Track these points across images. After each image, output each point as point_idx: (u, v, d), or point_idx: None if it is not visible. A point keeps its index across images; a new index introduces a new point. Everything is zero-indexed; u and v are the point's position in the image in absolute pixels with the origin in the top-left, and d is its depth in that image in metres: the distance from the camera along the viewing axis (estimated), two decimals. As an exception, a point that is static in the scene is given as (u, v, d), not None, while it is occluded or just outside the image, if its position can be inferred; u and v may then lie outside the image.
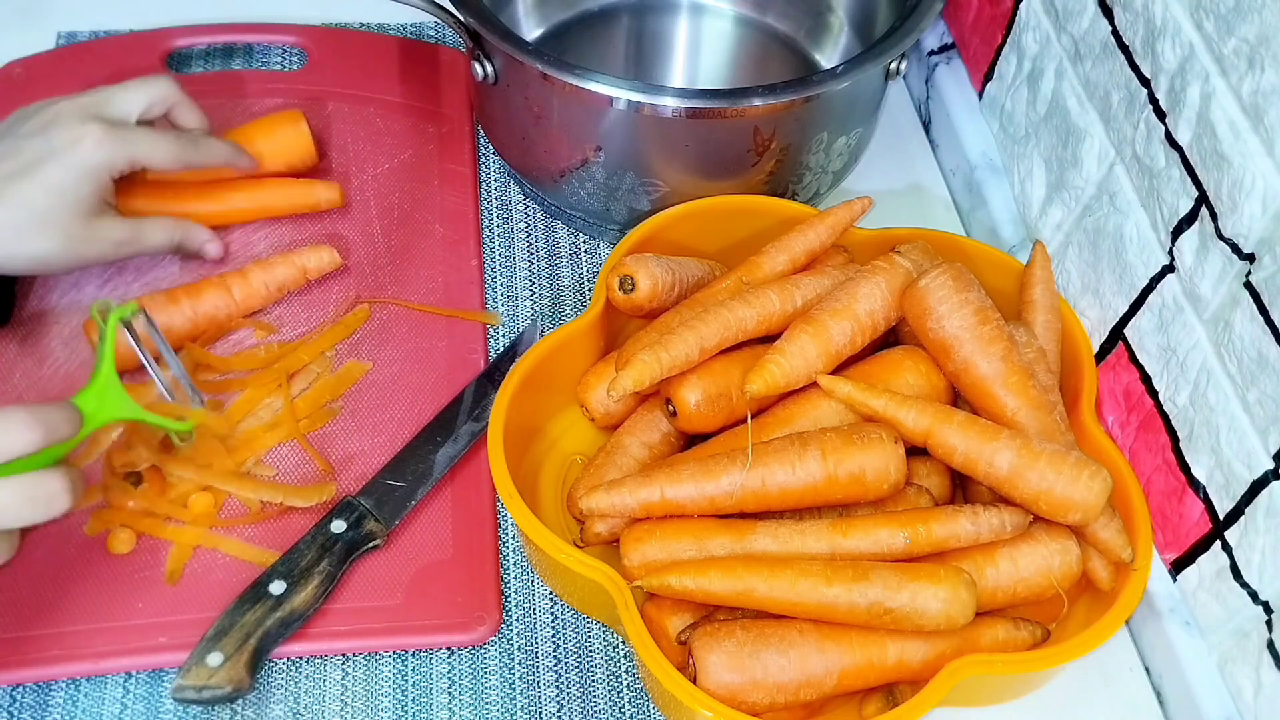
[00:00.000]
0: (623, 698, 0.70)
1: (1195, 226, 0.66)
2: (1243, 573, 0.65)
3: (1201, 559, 0.68)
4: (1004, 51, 0.88)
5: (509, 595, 0.73)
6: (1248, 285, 0.63)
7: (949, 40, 0.97)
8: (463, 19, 0.78)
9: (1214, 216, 0.64)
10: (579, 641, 0.71)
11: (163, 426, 0.69)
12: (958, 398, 0.72)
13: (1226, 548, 0.66)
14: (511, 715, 0.68)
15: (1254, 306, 0.62)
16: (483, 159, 0.93)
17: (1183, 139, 0.67)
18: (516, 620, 0.72)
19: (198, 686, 0.64)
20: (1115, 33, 0.73)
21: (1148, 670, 0.73)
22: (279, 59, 0.97)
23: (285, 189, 0.85)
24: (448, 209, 0.88)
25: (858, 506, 0.69)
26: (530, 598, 0.73)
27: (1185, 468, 0.69)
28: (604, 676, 0.70)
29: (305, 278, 0.81)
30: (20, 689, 0.67)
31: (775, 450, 0.66)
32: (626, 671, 0.71)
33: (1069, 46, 0.79)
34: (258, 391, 0.76)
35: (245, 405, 0.76)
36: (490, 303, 0.85)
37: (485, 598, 0.71)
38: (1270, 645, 0.64)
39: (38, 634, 0.67)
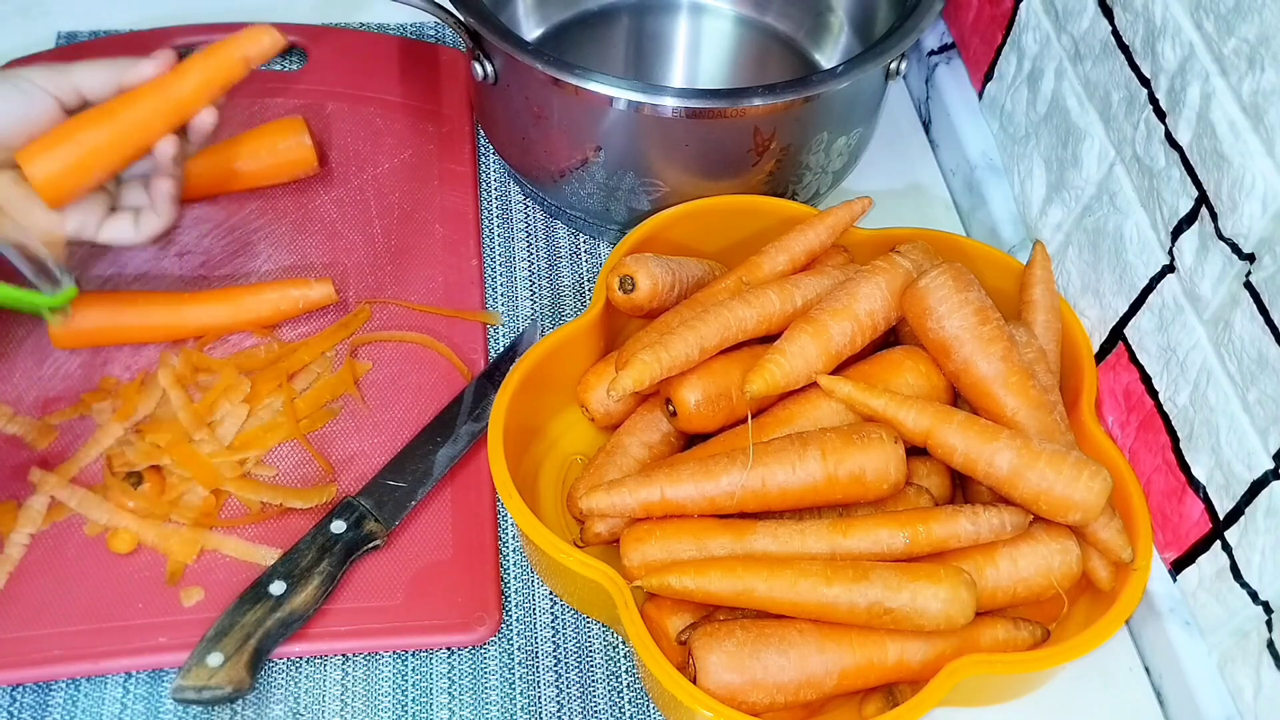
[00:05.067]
0: (623, 698, 0.69)
1: (1195, 226, 0.66)
2: (1243, 573, 0.65)
3: (1201, 559, 0.68)
4: (1004, 51, 0.88)
5: (509, 595, 0.73)
6: (1248, 285, 0.63)
7: (949, 40, 0.97)
8: (463, 19, 0.78)
9: (1214, 216, 0.64)
10: (579, 641, 0.71)
11: (24, 303, 0.66)
12: (958, 398, 0.72)
13: (1226, 548, 0.66)
14: (511, 715, 0.68)
15: (1254, 306, 0.62)
16: (483, 159, 0.93)
17: (1183, 139, 0.67)
18: (516, 620, 0.72)
19: (198, 687, 0.64)
20: (1115, 33, 0.73)
21: (1148, 670, 0.73)
22: (279, 59, 0.96)
23: (272, 293, 0.80)
24: (448, 209, 0.88)
25: (858, 506, 0.69)
26: (530, 598, 0.73)
27: (1185, 468, 0.69)
28: (604, 676, 0.70)
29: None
30: (20, 689, 0.67)
31: (775, 450, 0.66)
32: (626, 671, 0.71)
33: (1069, 46, 0.79)
34: (258, 391, 0.76)
35: (247, 403, 0.76)
36: (490, 303, 0.85)
37: (485, 598, 0.71)
38: (1270, 645, 0.64)
39: (38, 634, 0.67)
